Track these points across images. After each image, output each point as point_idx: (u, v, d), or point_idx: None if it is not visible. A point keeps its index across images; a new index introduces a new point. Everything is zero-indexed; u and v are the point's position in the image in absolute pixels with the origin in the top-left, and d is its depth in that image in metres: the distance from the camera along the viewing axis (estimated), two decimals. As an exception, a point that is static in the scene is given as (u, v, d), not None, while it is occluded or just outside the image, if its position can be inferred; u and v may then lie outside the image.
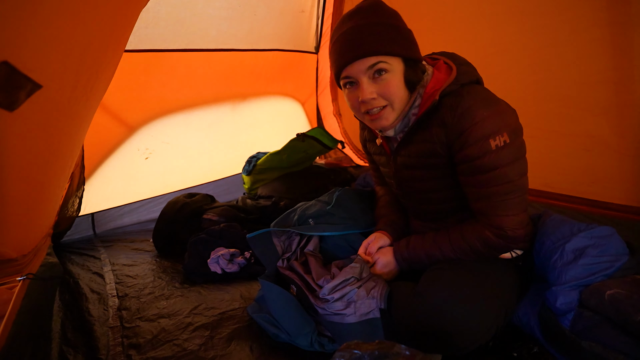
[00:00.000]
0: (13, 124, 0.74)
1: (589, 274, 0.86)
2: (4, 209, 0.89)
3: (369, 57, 0.86)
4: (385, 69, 0.87)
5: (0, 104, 0.68)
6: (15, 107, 0.71)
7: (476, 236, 0.91)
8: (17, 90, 0.71)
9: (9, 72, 0.66)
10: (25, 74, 0.70)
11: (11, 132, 0.74)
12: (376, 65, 0.86)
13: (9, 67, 0.66)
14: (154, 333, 1.05)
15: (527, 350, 0.90)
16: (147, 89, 1.89)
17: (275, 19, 2.22)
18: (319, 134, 2.05)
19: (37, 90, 0.74)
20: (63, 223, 1.72)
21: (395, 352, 0.56)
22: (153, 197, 2.14)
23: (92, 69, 0.95)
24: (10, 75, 0.67)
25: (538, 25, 1.32)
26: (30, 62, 0.70)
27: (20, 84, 0.70)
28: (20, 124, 0.77)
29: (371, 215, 1.25)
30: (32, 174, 0.95)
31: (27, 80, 0.71)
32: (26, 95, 0.73)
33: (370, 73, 0.88)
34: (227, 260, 1.39)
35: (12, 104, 0.71)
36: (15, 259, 1.03)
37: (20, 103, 0.72)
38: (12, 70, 0.67)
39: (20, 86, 0.71)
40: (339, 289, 0.94)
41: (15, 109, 0.72)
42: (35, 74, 0.72)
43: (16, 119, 0.74)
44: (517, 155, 0.85)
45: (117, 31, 1.02)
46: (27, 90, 0.72)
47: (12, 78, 0.68)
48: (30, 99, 0.74)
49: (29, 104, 0.74)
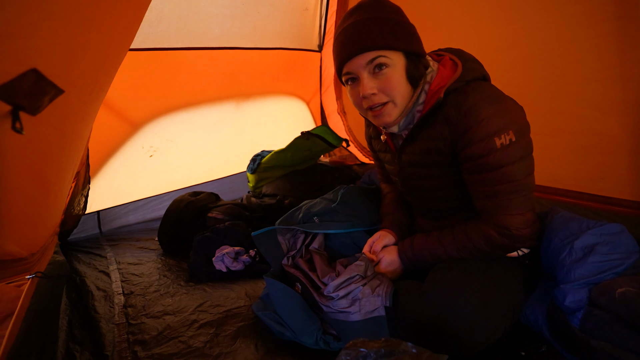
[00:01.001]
0: (34, 128, 0.74)
1: (598, 271, 0.85)
2: (17, 209, 0.90)
3: (369, 52, 0.85)
4: (385, 63, 0.86)
5: (25, 109, 0.69)
6: (38, 112, 0.73)
7: (481, 235, 0.90)
8: (42, 96, 0.72)
9: (37, 79, 0.67)
10: (51, 80, 0.71)
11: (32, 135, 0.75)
12: (376, 60, 0.86)
13: (37, 74, 0.67)
14: (159, 330, 1.06)
15: (535, 349, 0.89)
16: (151, 88, 1.90)
17: (279, 17, 2.21)
18: (324, 132, 2.04)
19: (59, 96, 0.75)
20: (70, 221, 1.73)
21: (401, 349, 0.55)
22: (157, 195, 2.15)
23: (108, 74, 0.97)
24: (37, 82, 0.68)
25: (545, 20, 1.30)
26: (57, 70, 0.71)
27: (45, 90, 0.71)
28: (40, 127, 0.78)
29: (376, 213, 1.25)
30: (44, 174, 0.96)
31: (52, 86, 0.72)
32: (49, 101, 0.74)
33: (371, 68, 0.87)
34: (232, 258, 1.40)
35: (36, 109, 0.72)
36: (25, 258, 1.04)
37: (44, 108, 0.73)
38: (40, 77, 0.68)
39: (45, 92, 0.72)
40: (344, 287, 0.94)
41: (38, 114, 0.73)
42: (60, 80, 0.73)
43: (37, 123, 0.75)
44: (523, 153, 0.83)
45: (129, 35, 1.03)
46: (50, 95, 0.73)
47: (39, 84, 0.69)
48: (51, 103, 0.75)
49: (49, 108, 0.75)
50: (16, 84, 0.64)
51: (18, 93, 0.65)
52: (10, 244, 0.94)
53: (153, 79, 1.88)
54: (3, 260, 0.95)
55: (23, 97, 0.67)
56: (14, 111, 0.66)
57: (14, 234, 0.95)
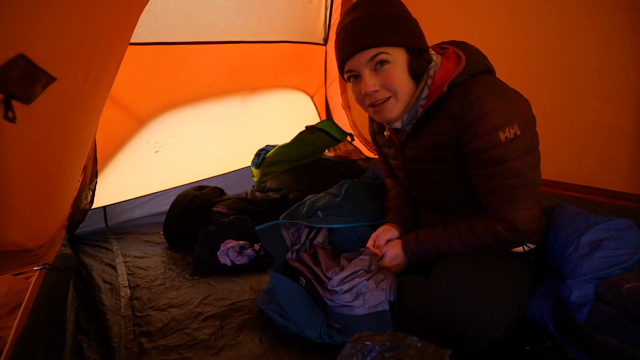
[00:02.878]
0: (29, 118, 0.74)
1: (606, 267, 0.83)
2: (20, 200, 0.91)
3: (369, 49, 0.85)
4: (386, 59, 0.85)
5: (19, 97, 0.68)
6: (31, 101, 0.72)
7: (486, 230, 0.89)
8: (34, 84, 0.71)
9: (26, 65, 0.66)
10: (41, 66, 0.70)
11: (27, 125, 0.75)
12: (377, 57, 0.85)
13: (26, 60, 0.66)
14: (165, 322, 1.07)
15: (540, 344, 0.89)
16: (156, 82, 1.90)
17: (284, 10, 2.20)
18: (328, 127, 2.04)
19: (51, 83, 0.75)
20: (77, 215, 1.75)
21: (406, 343, 0.55)
22: (163, 190, 2.16)
23: (102, 61, 0.96)
24: (27, 68, 0.67)
25: (556, 11, 1.27)
26: (44, 55, 0.70)
27: (36, 77, 0.70)
28: (36, 117, 0.78)
29: (380, 208, 1.24)
30: (46, 166, 0.96)
31: (43, 73, 0.71)
32: (42, 88, 0.73)
33: (372, 65, 0.86)
34: (236, 252, 1.40)
35: (29, 97, 0.71)
36: (32, 249, 1.06)
37: (37, 96, 0.73)
38: (29, 63, 0.67)
39: (37, 79, 0.71)
40: (348, 281, 0.94)
41: (32, 102, 0.72)
42: (50, 67, 0.72)
43: (32, 112, 0.75)
44: (528, 147, 0.82)
45: (125, 22, 1.02)
46: (42, 83, 0.73)
47: (29, 71, 0.68)
48: (45, 92, 0.74)
49: (44, 97, 0.75)
50: (6, 71, 0.63)
51: (9, 80, 0.64)
52: (12, 234, 0.95)
53: (158, 74, 1.88)
54: (9, 251, 0.95)
55: (14, 85, 0.66)
56: (6, 100, 0.65)
57: (17, 225, 0.95)
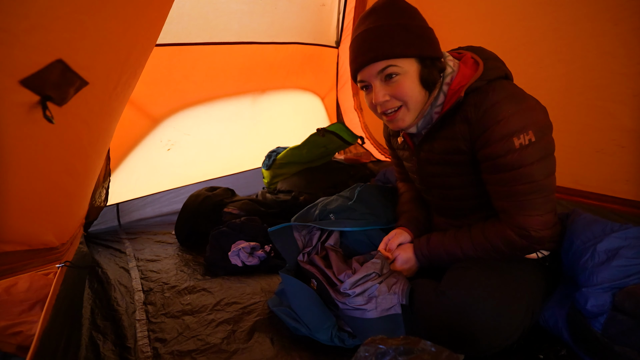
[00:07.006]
0: (62, 119, 0.77)
1: (623, 276, 0.82)
2: (53, 200, 0.94)
3: (379, 62, 0.86)
4: (395, 72, 0.86)
5: (53, 100, 0.71)
6: (64, 103, 0.75)
7: (498, 235, 0.88)
8: (68, 87, 0.74)
9: (63, 70, 0.70)
10: (76, 71, 0.73)
11: (59, 126, 0.78)
12: (386, 70, 0.86)
13: (63, 65, 0.69)
14: (179, 331, 1.07)
15: (555, 352, 0.88)
16: (170, 82, 1.93)
17: (296, 13, 2.22)
18: (339, 129, 2.04)
19: (84, 87, 0.78)
20: (91, 213, 1.78)
21: (420, 348, 0.55)
22: (174, 189, 2.19)
23: (133, 69, 0.99)
24: (64, 73, 0.70)
25: (575, 15, 1.26)
26: (82, 61, 0.74)
27: (71, 81, 0.74)
28: (68, 118, 0.81)
29: (392, 211, 1.24)
30: (74, 166, 1.00)
31: (77, 77, 0.74)
32: (74, 91, 0.76)
33: (382, 77, 0.88)
34: (247, 253, 1.41)
35: (62, 99, 0.74)
36: (56, 247, 1.09)
37: (69, 99, 0.76)
38: (66, 68, 0.70)
39: (71, 83, 0.74)
40: (360, 284, 0.94)
41: (64, 104, 0.75)
42: (85, 72, 0.75)
43: (65, 114, 0.77)
44: (543, 154, 0.81)
45: (155, 31, 1.05)
46: (75, 86, 0.76)
47: (65, 75, 0.71)
48: (77, 95, 0.77)
49: (76, 100, 0.78)
50: (44, 75, 0.66)
51: (46, 83, 0.67)
52: (47, 234, 0.98)
53: (172, 74, 1.91)
54: (38, 249, 0.98)
55: (51, 88, 0.69)
56: (42, 101, 0.69)
57: (50, 224, 0.99)
